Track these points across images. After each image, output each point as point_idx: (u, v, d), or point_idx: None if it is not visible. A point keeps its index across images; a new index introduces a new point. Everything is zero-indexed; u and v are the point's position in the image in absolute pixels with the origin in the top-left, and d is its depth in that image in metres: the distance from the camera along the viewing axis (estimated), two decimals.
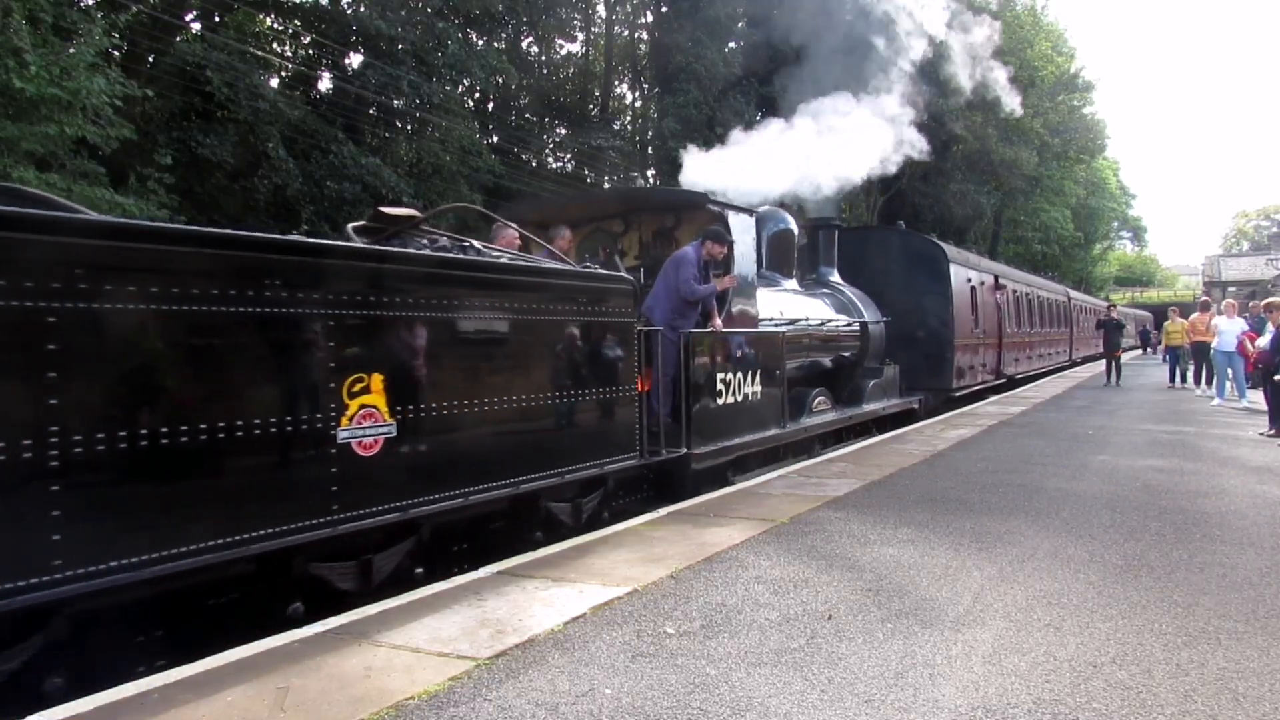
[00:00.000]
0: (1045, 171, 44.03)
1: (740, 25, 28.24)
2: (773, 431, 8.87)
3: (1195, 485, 7.63)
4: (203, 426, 3.75)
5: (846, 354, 11.92)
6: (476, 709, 3.10)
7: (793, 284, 11.10)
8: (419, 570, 5.07)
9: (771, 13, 25.98)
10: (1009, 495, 7.14)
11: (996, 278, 18.87)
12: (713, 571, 4.87)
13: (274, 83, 20.41)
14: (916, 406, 13.62)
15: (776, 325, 9.54)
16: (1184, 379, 20.40)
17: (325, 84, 21.94)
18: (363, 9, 20.80)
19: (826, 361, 11.41)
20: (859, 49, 14.22)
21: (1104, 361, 22.19)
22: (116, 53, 15.46)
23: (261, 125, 17.51)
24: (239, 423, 3.90)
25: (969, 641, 3.77)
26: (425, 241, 5.45)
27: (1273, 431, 11.14)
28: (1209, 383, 17.58)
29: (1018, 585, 4.61)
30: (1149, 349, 41.59)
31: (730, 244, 8.18)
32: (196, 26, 19.29)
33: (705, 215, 8.41)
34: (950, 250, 15.67)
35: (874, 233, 17.61)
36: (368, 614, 4.13)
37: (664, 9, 28.55)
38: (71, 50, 12.05)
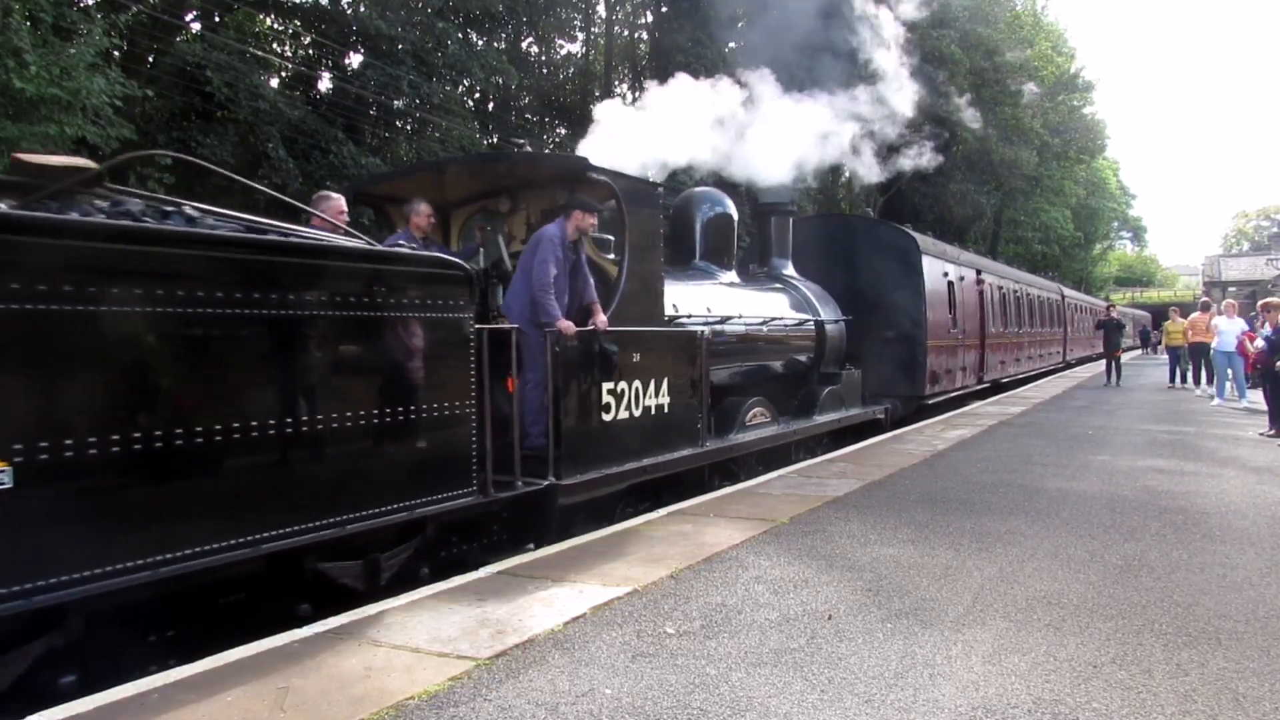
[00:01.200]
0: (1045, 171, 44.00)
1: (740, 25, 28.24)
2: (685, 452, 7.38)
3: (1195, 485, 7.63)
4: None
5: (799, 357, 10.65)
6: (476, 709, 3.10)
7: (731, 276, 9.79)
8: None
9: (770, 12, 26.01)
10: (1009, 495, 7.14)
11: (979, 272, 17.56)
12: (713, 571, 4.87)
13: (274, 83, 20.42)
14: (881, 416, 12.27)
15: (704, 323, 8.19)
16: (1184, 379, 20.39)
17: (325, 84, 21.95)
18: (363, 9, 20.80)
19: (773, 366, 10.17)
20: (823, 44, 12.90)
21: (1104, 362, 22.17)
22: (116, 53, 15.46)
23: (261, 125, 17.52)
24: None
25: (969, 641, 3.77)
26: (102, 205, 3.91)
27: (1273, 431, 11.14)
28: (1209, 382, 17.47)
29: (1018, 585, 4.61)
30: (1150, 348, 41.60)
31: (628, 217, 6.75)
32: (196, 26, 19.30)
33: (601, 189, 6.83)
34: (923, 241, 14.19)
35: (837, 221, 15.98)
36: (367, 614, 4.13)
37: (664, 9, 28.56)
38: (71, 50, 12.05)
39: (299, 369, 4.31)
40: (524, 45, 28.80)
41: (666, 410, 7.14)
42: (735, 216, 9.99)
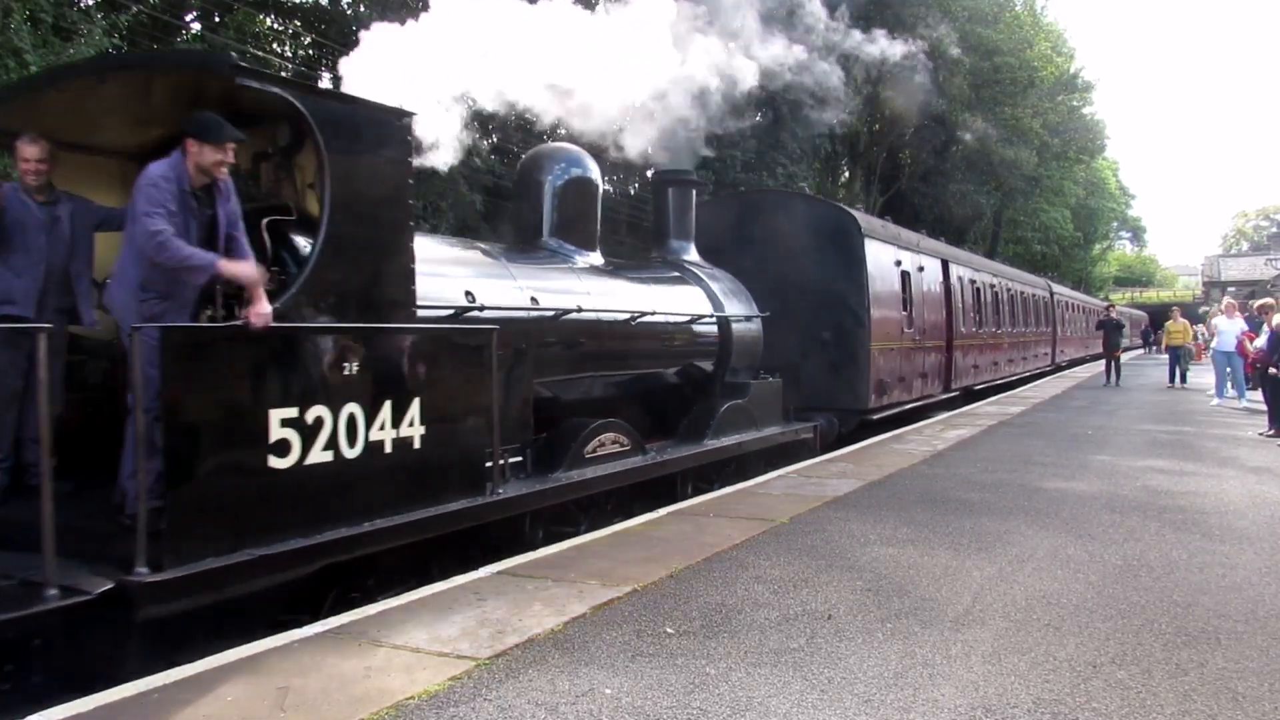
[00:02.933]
0: (1045, 171, 44.01)
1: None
2: (457, 505, 5.12)
3: (1195, 485, 7.64)
4: None
5: (696, 364, 8.64)
6: (476, 709, 3.10)
7: (592, 259, 7.71)
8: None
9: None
10: (1009, 495, 7.14)
11: (946, 263, 15.44)
12: (713, 571, 4.87)
13: None
14: (808, 436, 10.09)
15: (530, 316, 6.32)
16: (1184, 379, 20.40)
17: (325, 84, 21.95)
18: (363, 9, 20.81)
19: (649, 375, 8.16)
20: None
21: (1103, 362, 22.17)
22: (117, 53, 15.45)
23: None
24: None
25: (969, 641, 3.77)
26: None
27: (1272, 431, 11.14)
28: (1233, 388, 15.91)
29: (1017, 585, 4.61)
30: (1151, 348, 41.64)
31: (327, 156, 4.50)
32: (196, 27, 19.30)
33: (271, 107, 4.52)
34: (867, 222, 12.09)
35: (762, 199, 13.26)
36: (368, 614, 4.13)
37: None
38: (71, 50, 12.05)
39: None
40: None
41: (418, 445, 4.88)
42: (599, 183, 7.91)
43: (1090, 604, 4.30)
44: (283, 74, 21.20)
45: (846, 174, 36.67)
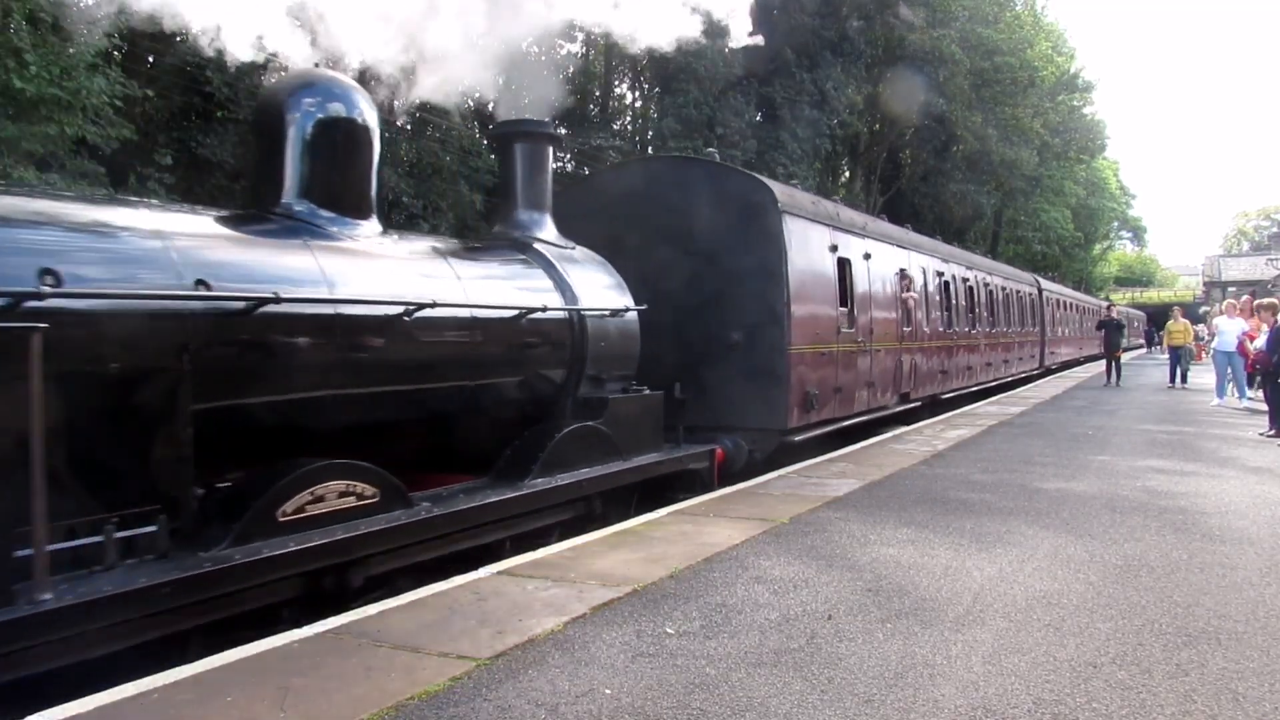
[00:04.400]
0: (1045, 171, 44.05)
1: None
2: None
3: (1195, 486, 7.63)
4: None
5: (542, 372, 6.65)
6: (476, 709, 3.10)
7: (365, 228, 5.50)
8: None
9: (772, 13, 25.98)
10: (1009, 495, 7.14)
11: (905, 251, 13.33)
12: (713, 571, 4.87)
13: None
14: (703, 465, 7.93)
15: (125, 305, 3.96)
16: (1185, 379, 20.40)
17: None
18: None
19: (449, 390, 5.85)
20: None
21: (1104, 362, 22.17)
22: (117, 53, 15.46)
23: None
24: None
25: (969, 641, 3.77)
26: None
27: (1273, 431, 11.13)
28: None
29: (1018, 585, 4.61)
30: (1154, 348, 41.70)
31: None
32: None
33: None
34: (789, 196, 9.74)
35: (659, 168, 10.60)
36: (368, 614, 4.13)
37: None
38: (71, 50, 12.05)
39: None
40: (524, 45, 28.80)
41: None
42: (368, 122, 5.52)
43: (1090, 604, 4.30)
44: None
45: (847, 174, 36.69)
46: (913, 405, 13.31)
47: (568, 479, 6.27)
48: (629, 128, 32.29)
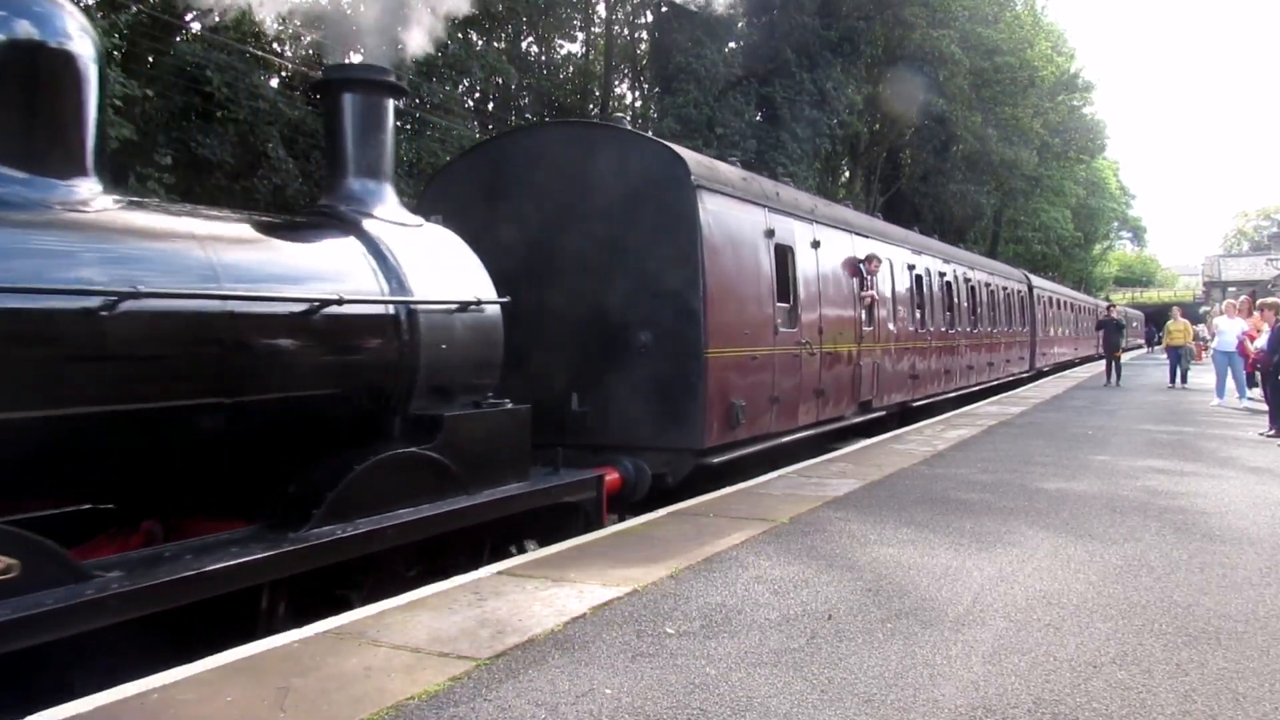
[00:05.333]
0: (1045, 171, 44.08)
1: (740, 25, 28.27)
2: None
3: (1195, 486, 7.63)
4: None
5: (350, 382, 5.04)
6: (476, 709, 3.10)
7: (82, 192, 4.07)
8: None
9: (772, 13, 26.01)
10: (1009, 495, 7.14)
11: (859, 238, 11.47)
12: (713, 571, 4.87)
13: (274, 83, 20.43)
14: (587, 497, 6.38)
15: None
16: (1185, 379, 20.42)
17: None
18: (362, 9, 20.84)
19: (194, 409, 4.30)
20: None
21: (1103, 362, 22.17)
22: (117, 53, 15.46)
23: (261, 125, 17.52)
24: None
25: (969, 641, 3.77)
26: None
27: (1273, 431, 11.14)
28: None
29: (1018, 585, 4.61)
30: (1154, 347, 41.74)
31: None
32: (196, 26, 19.31)
33: None
34: (706, 169, 8.08)
35: (550, 136, 9.24)
36: (368, 614, 4.13)
37: (664, 9, 28.57)
38: None
39: None
40: (524, 45, 28.82)
41: None
42: (78, 52, 4.11)
43: (1091, 604, 4.30)
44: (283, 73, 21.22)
45: (847, 174, 36.71)
46: (875, 415, 11.56)
47: (370, 525, 4.65)
48: (629, 128, 32.26)
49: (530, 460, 6.03)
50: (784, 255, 9.15)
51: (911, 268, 13.66)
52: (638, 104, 33.39)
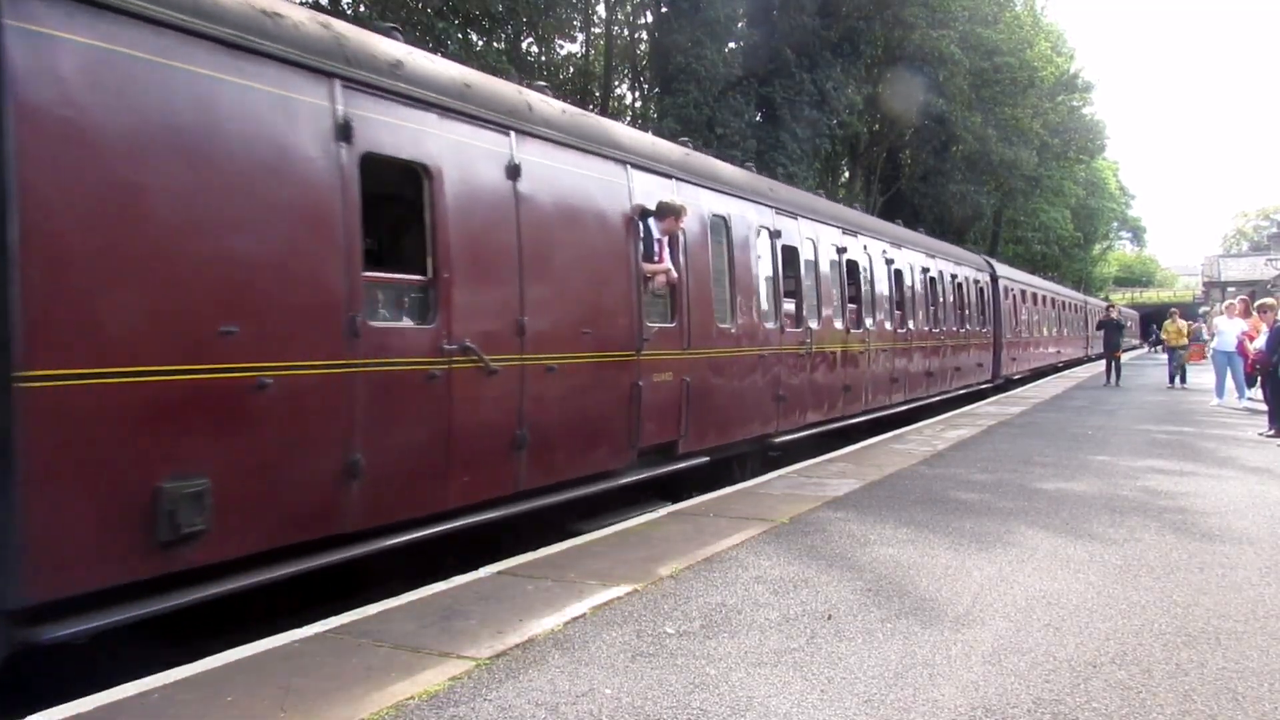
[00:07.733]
0: (1045, 172, 44.05)
1: (740, 25, 28.28)
2: None
3: (1195, 486, 7.63)
4: None
5: None
6: (476, 709, 3.10)
7: None
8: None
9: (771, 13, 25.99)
10: (1008, 495, 7.14)
11: (682, 182, 7.37)
12: (713, 571, 4.87)
13: None
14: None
15: None
16: (1184, 379, 20.45)
17: None
18: (363, 9, 20.81)
19: None
20: None
21: (1104, 363, 22.17)
22: None
23: None
24: None
25: (969, 641, 3.77)
26: None
27: (1272, 431, 11.14)
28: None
29: (1018, 585, 4.61)
30: (1155, 348, 41.70)
31: None
32: None
33: None
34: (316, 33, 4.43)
35: None
36: (368, 614, 4.14)
37: (664, 9, 28.58)
38: None
39: None
40: (524, 45, 28.81)
41: None
42: None
43: (1090, 604, 4.30)
44: None
45: (847, 174, 36.69)
46: (674, 469, 7.26)
47: None
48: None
49: None
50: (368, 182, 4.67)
51: (776, 234, 9.17)
52: (638, 104, 33.38)
